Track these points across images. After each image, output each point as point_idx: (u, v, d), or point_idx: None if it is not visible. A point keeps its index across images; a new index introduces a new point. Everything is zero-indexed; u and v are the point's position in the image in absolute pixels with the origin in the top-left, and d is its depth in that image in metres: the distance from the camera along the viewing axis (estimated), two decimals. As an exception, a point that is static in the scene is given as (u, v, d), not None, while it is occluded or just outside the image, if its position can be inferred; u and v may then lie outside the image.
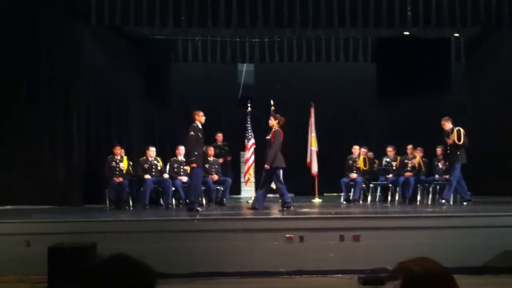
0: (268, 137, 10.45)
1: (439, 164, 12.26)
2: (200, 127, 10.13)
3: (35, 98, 11.65)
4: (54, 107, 11.69)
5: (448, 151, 11.43)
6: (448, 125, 11.38)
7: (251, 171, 12.94)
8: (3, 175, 11.47)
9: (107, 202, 11.18)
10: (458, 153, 11.15)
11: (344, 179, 12.52)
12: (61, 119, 11.67)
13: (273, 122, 10.53)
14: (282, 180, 10.55)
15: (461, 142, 11.10)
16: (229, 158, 13.70)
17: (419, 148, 12.38)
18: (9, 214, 10.01)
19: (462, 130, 11.17)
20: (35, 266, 7.54)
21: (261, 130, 12.02)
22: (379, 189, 12.79)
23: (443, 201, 11.20)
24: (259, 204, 10.29)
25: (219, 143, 13.43)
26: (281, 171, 10.67)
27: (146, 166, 11.64)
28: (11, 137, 11.57)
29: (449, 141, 11.22)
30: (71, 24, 11.74)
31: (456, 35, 14.66)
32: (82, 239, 7.77)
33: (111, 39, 13.42)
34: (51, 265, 7.23)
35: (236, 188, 15.00)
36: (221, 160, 12.91)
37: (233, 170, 14.23)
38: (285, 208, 10.13)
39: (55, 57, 11.74)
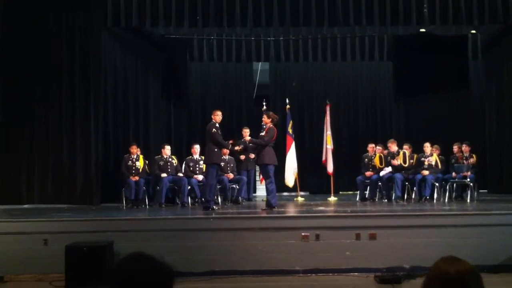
0: (261, 134, 10.35)
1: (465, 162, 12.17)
2: (217, 125, 10.15)
3: (53, 99, 11.73)
4: (72, 107, 11.74)
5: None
6: (393, 147, 12.16)
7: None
8: (22, 174, 11.58)
9: (124, 201, 11.24)
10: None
11: (360, 177, 12.49)
12: (78, 119, 11.72)
13: (266, 119, 10.31)
14: (273, 179, 10.02)
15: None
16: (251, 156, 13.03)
17: (435, 146, 12.29)
18: (27, 213, 10.08)
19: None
20: (52, 264, 7.61)
21: (277, 128, 11.92)
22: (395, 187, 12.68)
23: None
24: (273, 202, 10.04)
25: (243, 139, 12.88)
26: (272, 169, 10.05)
27: (161, 163, 11.70)
28: (29, 138, 11.65)
29: (394, 162, 11.94)
30: (88, 26, 11.79)
31: (473, 31, 14.54)
32: (99, 237, 7.83)
33: (128, 40, 13.54)
34: (68, 264, 7.30)
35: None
36: (243, 157, 12.47)
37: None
38: (267, 208, 9.83)
39: (73, 58, 11.79)
